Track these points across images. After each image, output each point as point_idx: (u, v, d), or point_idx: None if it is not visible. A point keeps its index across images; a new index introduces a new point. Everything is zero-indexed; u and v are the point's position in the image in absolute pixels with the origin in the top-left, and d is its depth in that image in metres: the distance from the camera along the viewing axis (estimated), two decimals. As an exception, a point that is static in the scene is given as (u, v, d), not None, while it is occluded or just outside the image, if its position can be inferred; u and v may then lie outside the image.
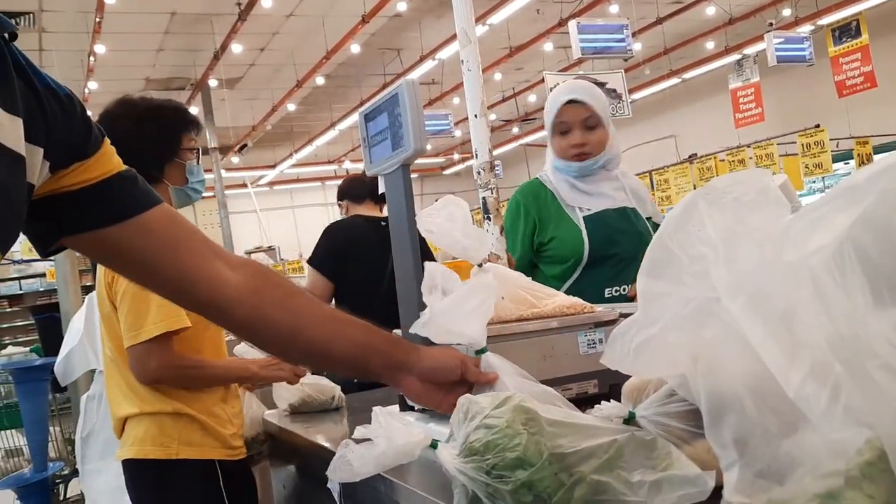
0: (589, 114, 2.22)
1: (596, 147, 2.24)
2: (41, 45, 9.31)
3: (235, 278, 1.05)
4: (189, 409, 1.87)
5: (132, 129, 1.92)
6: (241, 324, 1.08)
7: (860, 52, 9.02)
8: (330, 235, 3.12)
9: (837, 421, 0.67)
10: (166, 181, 1.99)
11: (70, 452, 3.90)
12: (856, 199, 0.61)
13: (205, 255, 1.04)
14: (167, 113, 2.01)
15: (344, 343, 1.14)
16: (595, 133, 2.24)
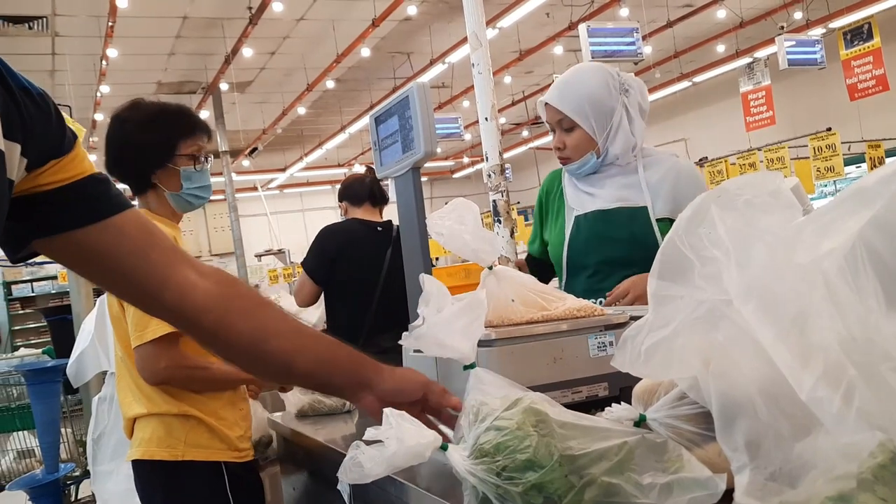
0: (560, 116, 2.01)
1: (573, 151, 2.02)
2: (54, 49, 9.37)
3: (204, 285, 1.05)
4: (196, 411, 1.88)
5: (131, 133, 1.95)
6: (206, 331, 1.08)
7: (872, 55, 8.97)
8: (322, 239, 3.14)
9: (850, 424, 0.67)
10: (161, 186, 1.98)
11: (81, 454, 3.92)
12: (867, 202, 0.61)
13: (174, 261, 1.04)
14: (166, 118, 1.99)
15: (307, 357, 1.13)
16: (572, 135, 2.01)
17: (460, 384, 1.29)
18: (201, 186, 2.01)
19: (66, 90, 9.16)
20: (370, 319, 2.93)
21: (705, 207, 0.82)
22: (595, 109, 1.96)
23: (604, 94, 1.97)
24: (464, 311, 1.23)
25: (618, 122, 1.98)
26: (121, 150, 1.98)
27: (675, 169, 2.02)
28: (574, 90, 1.99)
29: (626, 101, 1.98)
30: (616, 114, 1.97)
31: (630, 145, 2.02)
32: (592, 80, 1.98)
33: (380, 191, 3.21)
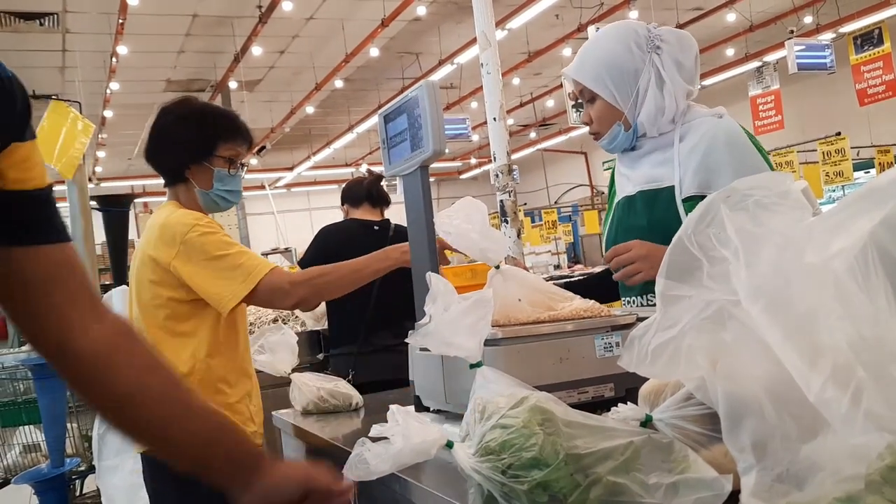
0: (580, 87, 1.78)
1: (598, 124, 1.78)
2: (64, 45, 9.41)
3: (96, 333, 0.98)
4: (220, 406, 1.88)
5: (174, 124, 2.02)
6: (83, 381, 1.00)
7: (882, 60, 8.94)
8: (319, 238, 3.17)
9: (859, 425, 0.66)
10: (193, 182, 2.02)
11: (87, 449, 3.93)
12: (879, 202, 0.61)
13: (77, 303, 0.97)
14: (210, 117, 2.05)
15: (185, 433, 1.04)
16: (594, 107, 1.77)
17: (466, 382, 1.29)
18: (231, 191, 2.07)
19: (76, 86, 9.19)
20: (368, 318, 2.95)
21: (715, 207, 0.82)
22: (613, 74, 1.70)
23: (623, 55, 1.70)
24: (470, 310, 1.22)
25: (645, 86, 1.70)
26: (161, 140, 2.04)
27: (710, 134, 1.68)
28: (591, 56, 1.75)
29: (658, 59, 1.70)
30: (643, 76, 1.70)
31: (661, 111, 1.71)
32: (610, 41, 1.74)
33: (378, 192, 3.24)
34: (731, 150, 1.65)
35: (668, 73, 1.69)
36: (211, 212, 2.09)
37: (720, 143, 1.65)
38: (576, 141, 16.92)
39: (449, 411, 1.47)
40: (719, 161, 1.64)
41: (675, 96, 1.70)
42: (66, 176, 3.91)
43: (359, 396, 2.05)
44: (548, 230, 12.51)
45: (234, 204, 2.11)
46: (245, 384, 1.98)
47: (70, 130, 3.96)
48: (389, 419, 1.00)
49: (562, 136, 15.88)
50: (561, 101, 11.54)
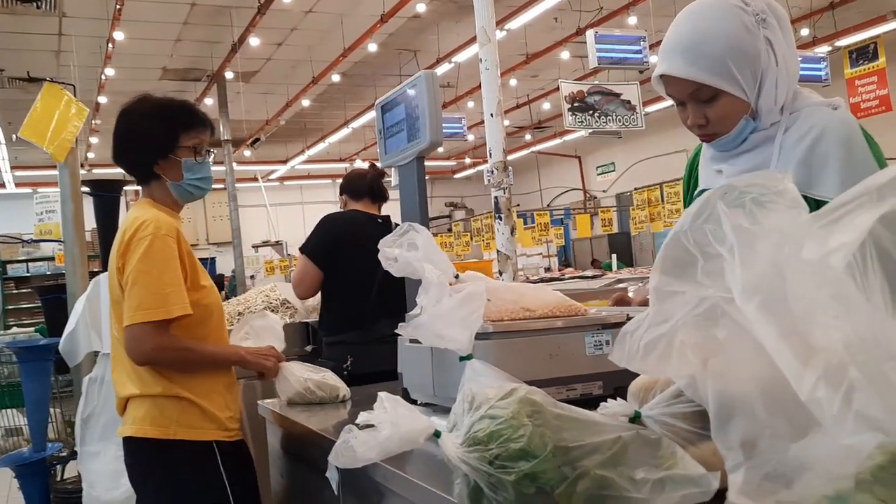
0: (694, 87, 1.46)
1: (721, 123, 1.48)
2: (61, 29, 9.35)
3: None
4: (188, 393, 1.93)
5: (135, 123, 2.07)
6: None
7: (877, 74, 8.99)
8: (325, 226, 3.14)
9: (850, 425, 0.66)
10: (164, 176, 2.06)
11: (69, 434, 3.91)
12: (880, 199, 0.60)
13: None
14: (169, 111, 2.08)
15: None
16: (715, 106, 1.46)
17: (455, 376, 1.29)
18: (202, 178, 2.10)
19: (71, 71, 9.13)
20: (370, 307, 2.93)
21: (712, 203, 0.82)
22: (739, 62, 1.42)
23: (744, 36, 1.42)
24: (463, 303, 1.22)
25: (765, 68, 1.44)
26: (126, 141, 2.09)
27: (819, 126, 1.44)
28: (706, 45, 1.43)
29: (769, 35, 1.44)
30: (762, 57, 1.43)
31: (782, 96, 1.48)
32: (724, 22, 1.43)
33: (379, 188, 3.22)
34: (843, 146, 1.42)
35: (779, 50, 1.44)
36: (186, 201, 2.13)
37: (831, 136, 1.43)
38: (570, 145, 16.95)
39: (437, 405, 1.46)
40: (828, 155, 1.41)
41: (789, 77, 1.47)
42: (58, 159, 3.87)
43: (346, 389, 2.04)
44: (540, 232, 12.51)
45: (207, 191, 2.14)
46: (217, 377, 2.00)
47: (63, 113, 3.93)
48: (377, 407, 0.99)
49: (557, 140, 15.90)
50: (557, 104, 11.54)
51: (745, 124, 1.46)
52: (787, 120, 1.47)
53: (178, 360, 1.93)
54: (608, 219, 13.45)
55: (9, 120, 11.30)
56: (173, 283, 1.88)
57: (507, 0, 8.49)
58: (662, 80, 1.51)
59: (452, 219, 18.79)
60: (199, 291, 1.97)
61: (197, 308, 1.93)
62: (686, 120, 1.53)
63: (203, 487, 1.91)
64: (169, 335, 1.88)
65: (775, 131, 1.47)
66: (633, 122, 9.46)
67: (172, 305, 1.86)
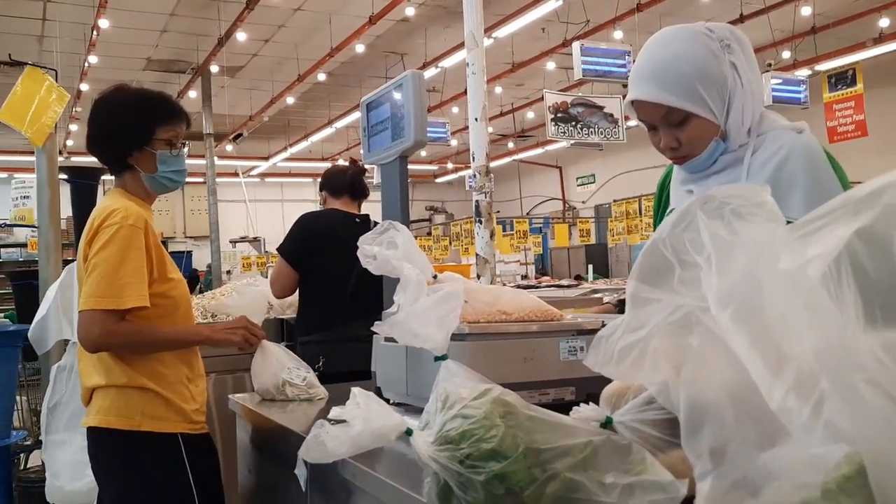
0: (665, 111, 1.50)
1: (693, 146, 1.52)
2: (45, 14, 9.24)
3: None
4: (154, 385, 1.92)
5: (112, 113, 2.05)
6: None
7: (854, 100, 9.15)
8: (300, 226, 3.14)
9: (818, 435, 0.67)
10: (138, 168, 2.04)
11: (34, 423, 3.85)
12: (857, 212, 0.61)
13: None
14: (146, 103, 2.07)
15: None
16: (686, 129, 1.51)
17: (429, 376, 1.28)
18: (176, 171, 2.08)
19: (54, 57, 9.02)
20: (344, 307, 2.93)
21: (692, 212, 0.82)
22: (708, 85, 1.47)
23: (710, 60, 1.48)
24: (440, 303, 1.22)
25: (732, 91, 1.50)
26: (101, 131, 2.07)
27: (785, 149, 1.49)
28: (675, 70, 1.48)
29: (734, 59, 1.50)
30: (728, 80, 1.49)
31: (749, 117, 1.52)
32: (691, 47, 1.49)
33: (360, 185, 3.21)
34: (807, 169, 1.47)
35: (743, 73, 1.50)
36: (159, 193, 2.12)
37: (796, 159, 1.48)
38: (552, 154, 17.03)
39: (409, 404, 1.46)
40: (793, 178, 1.45)
41: (754, 99, 1.53)
42: (37, 143, 3.82)
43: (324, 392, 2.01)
44: (518, 240, 12.56)
45: (180, 183, 2.13)
46: (181, 369, 1.99)
47: (44, 98, 3.88)
48: (350, 402, 0.99)
49: (539, 149, 15.97)
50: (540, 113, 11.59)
51: (715, 146, 1.51)
52: (754, 142, 1.53)
53: (128, 343, 1.90)
54: (586, 229, 13.53)
55: (-13, 103, 11.11)
56: (134, 273, 1.86)
57: (496, 8, 8.52)
58: (634, 106, 1.56)
59: (432, 222, 18.80)
60: (166, 283, 1.96)
61: (163, 300, 1.92)
62: (658, 143, 1.57)
63: (166, 479, 1.90)
64: (118, 322, 1.85)
65: (744, 153, 1.52)
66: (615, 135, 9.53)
67: (127, 296, 1.84)
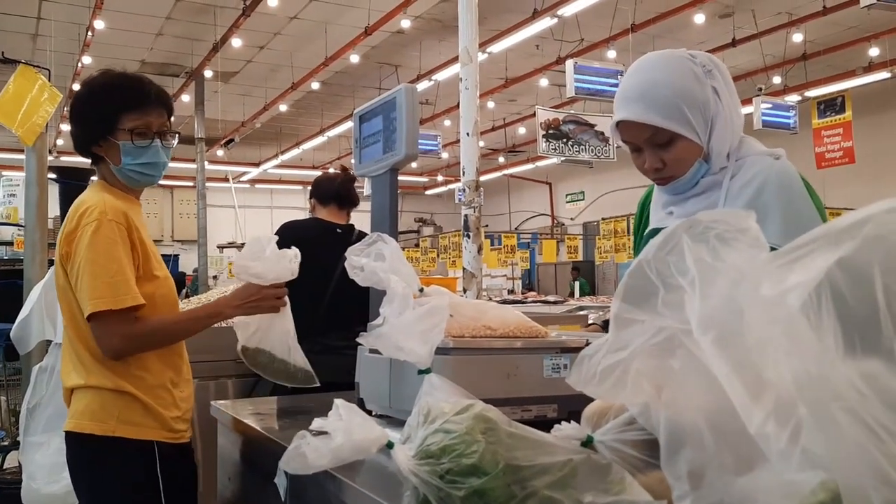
0: (651, 132, 1.53)
1: (677, 166, 1.55)
2: (40, 13, 9.22)
3: None
4: (132, 388, 1.84)
5: (80, 101, 1.94)
6: None
7: (842, 127, 9.25)
8: (279, 235, 3.12)
9: (795, 461, 0.67)
10: (107, 159, 1.94)
11: (13, 424, 3.81)
12: (839, 242, 0.62)
13: None
14: (111, 89, 1.93)
15: None
16: (671, 150, 1.54)
17: (412, 389, 1.29)
18: (146, 164, 1.93)
19: (47, 56, 9.00)
20: (320, 318, 2.92)
21: (677, 235, 0.83)
22: (692, 106, 1.51)
23: (693, 84, 1.52)
24: (425, 317, 1.23)
25: (714, 114, 1.54)
26: (71, 118, 1.97)
27: (763, 174, 1.53)
28: (660, 92, 1.52)
29: (715, 84, 1.54)
30: (711, 103, 1.53)
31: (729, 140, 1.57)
32: (673, 72, 1.53)
33: (347, 193, 3.20)
34: (784, 196, 1.51)
35: (724, 98, 1.55)
36: (135, 187, 1.99)
37: (773, 185, 1.51)
38: (542, 171, 17.11)
39: (391, 417, 1.46)
40: (769, 204, 1.48)
41: (734, 124, 1.58)
42: (27, 142, 3.80)
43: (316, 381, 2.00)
44: (506, 254, 12.59)
45: (155, 178, 1.98)
46: (165, 373, 1.91)
47: (35, 97, 3.86)
48: (332, 414, 0.99)
49: (529, 165, 16.05)
50: (532, 129, 11.66)
51: (699, 167, 1.54)
52: (733, 166, 1.56)
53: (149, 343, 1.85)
54: (574, 246, 13.59)
55: (-23, 99, 11.05)
56: (119, 272, 1.78)
57: (491, 23, 8.58)
58: (619, 128, 1.58)
59: (420, 234, 18.82)
60: (152, 282, 1.88)
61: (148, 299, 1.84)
62: (642, 165, 1.59)
63: (136, 489, 1.82)
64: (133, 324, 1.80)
65: (723, 177, 1.55)
66: (605, 154, 9.57)
67: (124, 294, 1.77)
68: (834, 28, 9.75)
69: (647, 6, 8.76)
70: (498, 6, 8.37)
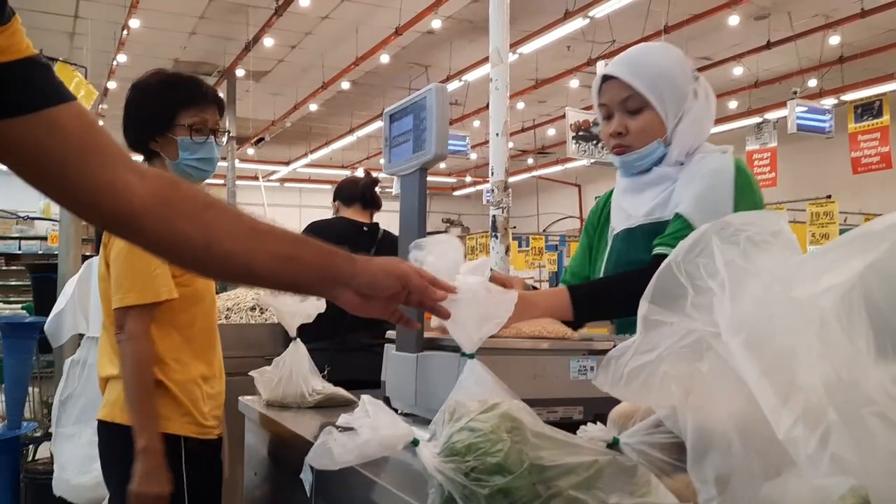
0: (628, 94, 1.67)
1: (637, 137, 1.68)
2: (77, 11, 9.38)
3: (144, 187, 0.97)
4: (165, 379, 1.87)
5: (136, 98, 2.01)
6: (151, 238, 1.01)
7: (880, 131, 9.09)
8: (307, 233, 3.15)
9: (824, 467, 0.67)
10: (163, 154, 2.01)
11: (45, 416, 3.88)
12: (873, 245, 0.61)
13: (114, 165, 0.95)
14: (169, 87, 2.01)
15: (266, 257, 1.07)
16: (638, 118, 1.67)
17: (439, 388, 1.29)
18: (202, 159, 2.02)
19: (84, 54, 9.16)
20: (347, 316, 2.93)
21: (707, 237, 0.83)
22: (670, 89, 1.67)
23: (679, 73, 1.69)
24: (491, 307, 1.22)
25: (687, 110, 1.68)
26: (127, 114, 2.03)
27: (707, 168, 1.66)
28: (647, 64, 1.69)
29: (697, 88, 1.71)
30: (688, 99, 1.69)
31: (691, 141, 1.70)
32: (666, 57, 1.71)
33: (372, 195, 3.22)
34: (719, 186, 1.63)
35: (699, 102, 1.70)
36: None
37: (711, 177, 1.63)
38: (571, 172, 17.03)
39: (417, 415, 1.47)
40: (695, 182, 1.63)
41: (700, 129, 1.72)
42: (62, 139, 3.88)
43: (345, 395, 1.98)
44: (533, 256, 12.55)
45: (208, 173, 2.06)
46: (197, 367, 1.94)
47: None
48: (359, 410, 1.00)
49: (558, 166, 15.98)
50: (562, 131, 11.61)
51: (656, 146, 1.68)
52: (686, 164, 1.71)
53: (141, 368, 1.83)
54: (603, 249, 13.48)
55: (16, 97, 11.27)
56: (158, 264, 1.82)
57: (522, 24, 8.56)
58: (601, 90, 1.74)
59: (448, 235, 18.80)
60: (184, 275, 1.90)
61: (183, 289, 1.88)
62: (608, 132, 1.73)
63: None
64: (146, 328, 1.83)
65: (676, 175, 1.69)
66: (636, 156, 9.44)
67: (161, 287, 1.82)
68: (872, 31, 9.59)
69: (680, 7, 8.68)
70: (529, 7, 8.35)
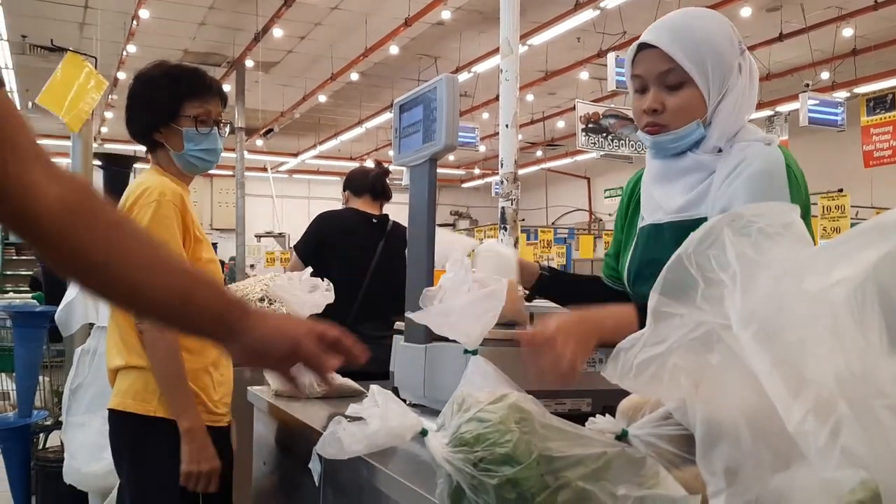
0: (668, 66, 1.43)
1: (675, 115, 1.45)
2: (87, 1, 9.39)
3: (53, 191, 0.93)
4: None
5: (141, 88, 2.02)
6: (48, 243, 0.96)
7: (892, 125, 9.01)
8: (315, 225, 3.18)
9: (834, 460, 0.66)
10: (167, 145, 2.02)
11: (55, 405, 3.91)
12: (884, 237, 0.61)
13: (25, 159, 0.92)
14: (174, 78, 2.02)
15: (161, 289, 1.01)
16: (677, 95, 1.44)
17: (447, 378, 1.30)
18: (206, 150, 2.04)
19: (94, 44, 9.17)
20: (356, 308, 2.94)
21: (718, 229, 0.82)
22: (715, 63, 1.43)
23: (726, 45, 1.45)
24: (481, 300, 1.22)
25: (732, 86, 1.45)
26: (131, 107, 2.05)
27: (749, 160, 1.43)
28: (691, 33, 1.43)
29: (742, 63, 1.47)
30: (733, 74, 1.45)
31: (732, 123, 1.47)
32: (712, 25, 1.46)
33: (382, 186, 3.23)
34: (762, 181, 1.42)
35: (744, 79, 1.47)
36: (192, 173, 2.08)
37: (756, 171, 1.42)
38: (580, 165, 16.98)
39: (425, 406, 1.47)
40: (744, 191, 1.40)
41: (743, 109, 1.49)
42: (73, 129, 3.89)
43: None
44: (542, 249, 12.53)
45: (212, 163, 2.08)
46: (209, 353, 1.95)
47: (82, 85, 3.95)
48: (368, 400, 1.00)
49: (567, 159, 15.94)
50: (571, 123, 11.58)
51: (695, 126, 1.45)
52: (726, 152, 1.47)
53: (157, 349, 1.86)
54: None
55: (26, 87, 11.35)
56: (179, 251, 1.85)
57: (532, 15, 8.52)
58: (636, 59, 1.48)
59: (456, 227, 18.81)
60: (197, 265, 1.91)
61: None
62: (641, 107, 1.49)
63: (174, 469, 1.85)
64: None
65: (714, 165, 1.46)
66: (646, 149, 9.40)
67: None
68: (885, 23, 9.50)
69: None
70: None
